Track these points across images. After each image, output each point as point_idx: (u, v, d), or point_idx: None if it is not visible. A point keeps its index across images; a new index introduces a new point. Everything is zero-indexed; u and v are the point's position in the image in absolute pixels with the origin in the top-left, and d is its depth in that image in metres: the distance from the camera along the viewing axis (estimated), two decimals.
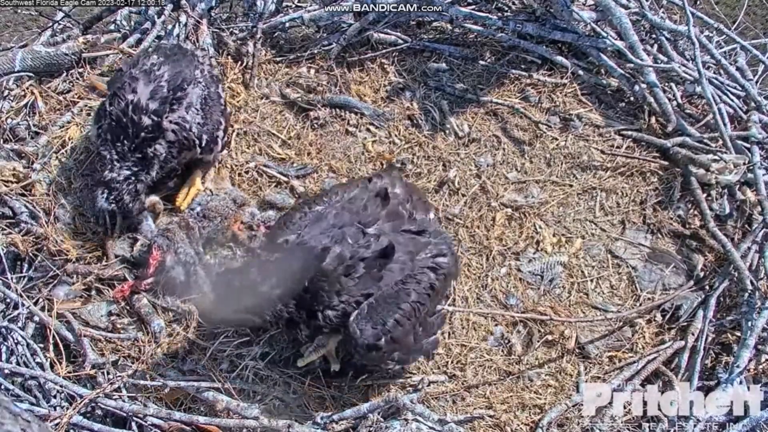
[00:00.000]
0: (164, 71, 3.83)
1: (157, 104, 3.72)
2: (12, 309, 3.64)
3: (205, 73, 4.01)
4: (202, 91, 3.91)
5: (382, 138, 4.37)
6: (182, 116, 3.79)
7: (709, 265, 3.97)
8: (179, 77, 3.83)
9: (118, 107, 3.70)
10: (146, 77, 3.78)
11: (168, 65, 3.87)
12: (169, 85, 3.79)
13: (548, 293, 3.87)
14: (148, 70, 3.82)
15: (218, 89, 4.05)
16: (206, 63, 4.11)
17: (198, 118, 3.84)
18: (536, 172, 4.26)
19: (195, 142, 3.83)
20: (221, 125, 3.98)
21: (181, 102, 3.80)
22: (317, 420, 3.30)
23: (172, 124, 3.75)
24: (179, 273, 3.66)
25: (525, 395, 3.54)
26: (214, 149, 3.97)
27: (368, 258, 3.14)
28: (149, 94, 3.73)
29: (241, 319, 3.60)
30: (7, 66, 4.41)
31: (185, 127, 3.78)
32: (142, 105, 3.69)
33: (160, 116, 3.71)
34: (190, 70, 3.92)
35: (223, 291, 3.20)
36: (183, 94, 3.81)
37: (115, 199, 3.70)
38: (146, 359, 3.46)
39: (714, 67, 4.69)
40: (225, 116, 4.05)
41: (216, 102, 3.97)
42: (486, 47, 4.73)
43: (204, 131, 3.85)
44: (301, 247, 3.18)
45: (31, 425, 2.43)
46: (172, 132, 3.75)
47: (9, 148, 4.15)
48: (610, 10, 4.44)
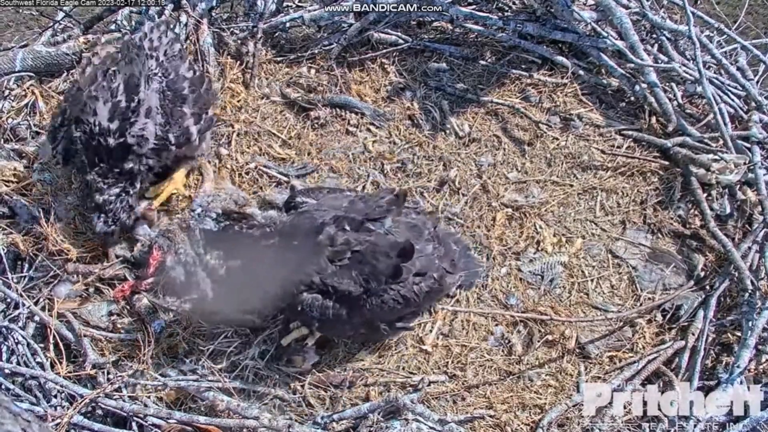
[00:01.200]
0: (119, 80, 3.73)
1: (117, 123, 3.65)
2: (12, 309, 3.66)
3: (161, 60, 3.86)
4: (159, 84, 3.79)
5: (382, 138, 4.37)
6: (142, 126, 3.68)
7: (710, 265, 3.97)
8: (133, 82, 3.72)
9: (83, 133, 3.65)
10: (104, 94, 3.69)
11: (120, 71, 3.76)
12: (126, 96, 3.69)
13: (548, 293, 3.86)
14: (105, 86, 3.72)
15: (179, 71, 3.88)
16: (162, 44, 3.93)
17: (159, 119, 3.72)
18: (537, 172, 4.26)
19: (165, 144, 3.75)
20: (186, 115, 3.80)
21: (138, 111, 3.69)
22: (317, 420, 3.31)
23: (135, 138, 3.67)
24: (179, 273, 3.66)
25: (525, 395, 3.54)
26: (190, 141, 3.84)
27: (359, 251, 3.26)
28: (108, 114, 3.65)
29: (241, 319, 3.63)
30: (7, 66, 4.42)
31: (148, 137, 3.69)
32: (104, 127, 3.63)
33: (124, 134, 3.64)
34: (143, 65, 3.79)
35: (228, 283, 3.28)
36: (139, 99, 3.69)
37: (113, 220, 3.70)
38: (146, 359, 3.46)
39: (715, 67, 4.68)
40: (192, 101, 3.85)
41: (178, 90, 3.82)
42: (486, 47, 4.73)
43: (169, 130, 3.75)
44: (308, 215, 3.35)
45: (31, 425, 2.43)
46: (137, 145, 3.68)
47: (9, 147, 4.16)
48: (611, 10, 4.43)
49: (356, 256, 3.26)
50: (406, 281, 3.33)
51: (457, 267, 3.69)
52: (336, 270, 3.25)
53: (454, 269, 3.65)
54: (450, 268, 3.60)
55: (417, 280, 3.37)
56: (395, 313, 3.45)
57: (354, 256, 3.26)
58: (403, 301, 3.36)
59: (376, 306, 3.32)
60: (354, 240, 3.28)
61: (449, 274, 3.59)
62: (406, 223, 3.44)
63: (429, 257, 3.43)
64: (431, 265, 3.43)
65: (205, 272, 3.68)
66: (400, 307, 3.39)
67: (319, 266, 3.25)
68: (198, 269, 3.69)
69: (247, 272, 3.32)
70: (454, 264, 3.66)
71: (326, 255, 3.25)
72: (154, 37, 3.98)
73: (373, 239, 3.30)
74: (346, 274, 3.26)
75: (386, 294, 3.32)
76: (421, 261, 3.38)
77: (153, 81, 3.78)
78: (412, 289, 3.36)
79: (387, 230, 3.36)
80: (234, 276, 3.34)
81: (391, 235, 3.34)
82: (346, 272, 3.26)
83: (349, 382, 3.47)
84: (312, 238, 3.27)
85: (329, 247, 3.26)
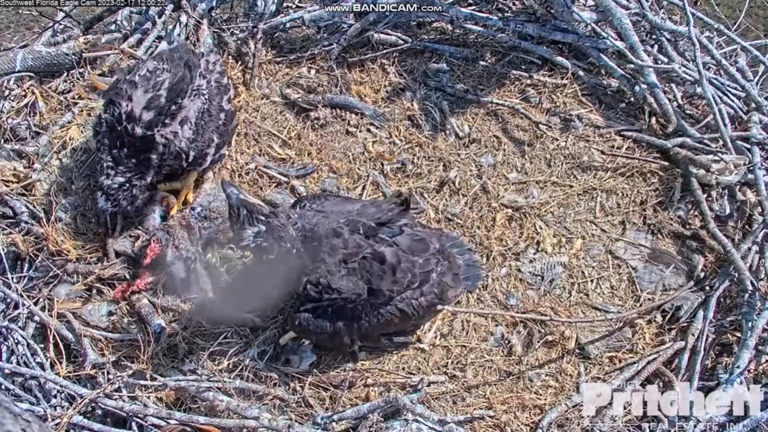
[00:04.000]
0: (165, 78, 3.75)
1: (152, 115, 3.66)
2: (12, 309, 3.66)
3: (212, 84, 3.92)
4: (202, 104, 3.83)
5: (382, 138, 4.37)
6: (175, 131, 3.70)
7: (710, 266, 3.97)
8: (179, 87, 3.75)
9: (111, 115, 3.65)
10: (145, 83, 3.71)
11: (171, 72, 3.79)
12: (168, 95, 3.71)
13: (548, 294, 3.87)
14: (148, 76, 3.75)
15: (221, 102, 3.95)
16: (215, 70, 4.02)
17: (189, 133, 3.75)
18: (536, 172, 4.26)
19: (183, 157, 3.76)
20: (213, 142, 3.87)
21: (176, 115, 3.72)
22: (317, 420, 3.31)
23: (164, 138, 3.68)
24: (179, 269, 3.68)
25: (525, 396, 3.54)
26: (202, 164, 3.90)
27: (366, 258, 3.28)
28: (145, 103, 3.66)
29: (241, 319, 3.63)
30: (8, 66, 4.41)
31: (176, 143, 3.70)
32: (135, 115, 3.63)
33: (152, 128, 3.65)
34: (195, 79, 3.84)
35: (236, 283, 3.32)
36: (180, 106, 3.73)
37: (113, 203, 3.69)
38: (146, 359, 3.46)
39: (714, 68, 4.69)
40: (220, 132, 3.91)
41: (214, 117, 3.87)
42: (486, 48, 4.73)
43: (192, 147, 3.77)
44: (322, 215, 3.37)
45: (31, 425, 2.43)
46: (162, 145, 3.68)
47: (9, 148, 4.16)
48: (611, 11, 4.44)
49: (363, 263, 3.29)
50: (404, 295, 3.37)
51: (460, 281, 3.71)
52: (344, 274, 3.26)
53: (456, 284, 3.67)
54: (452, 282, 3.62)
55: (416, 294, 3.39)
56: (394, 327, 3.49)
57: (362, 261, 3.29)
58: (400, 315, 3.39)
59: (373, 318, 3.35)
60: (365, 244, 3.30)
61: (451, 289, 3.61)
62: (412, 235, 3.45)
63: (431, 272, 3.45)
64: (433, 280, 3.45)
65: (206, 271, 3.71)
66: (398, 321, 3.42)
67: (329, 268, 3.25)
68: (198, 266, 3.70)
69: (261, 268, 3.33)
70: (457, 278, 3.68)
71: (339, 257, 3.26)
72: (211, 60, 4.06)
73: (376, 247, 3.32)
74: (352, 279, 3.27)
75: (383, 308, 3.35)
76: (422, 276, 3.40)
77: (198, 97, 3.83)
78: (411, 304, 3.39)
79: (393, 241, 3.37)
80: (247, 271, 3.33)
81: (395, 246, 3.36)
82: (353, 276, 3.28)
83: (349, 382, 3.47)
84: (329, 239, 3.27)
85: (343, 249, 3.27)
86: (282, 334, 3.59)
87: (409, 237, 3.43)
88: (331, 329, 3.34)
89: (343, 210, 3.42)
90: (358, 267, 3.28)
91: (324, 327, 3.34)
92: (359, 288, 3.29)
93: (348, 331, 3.37)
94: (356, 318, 3.35)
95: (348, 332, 3.37)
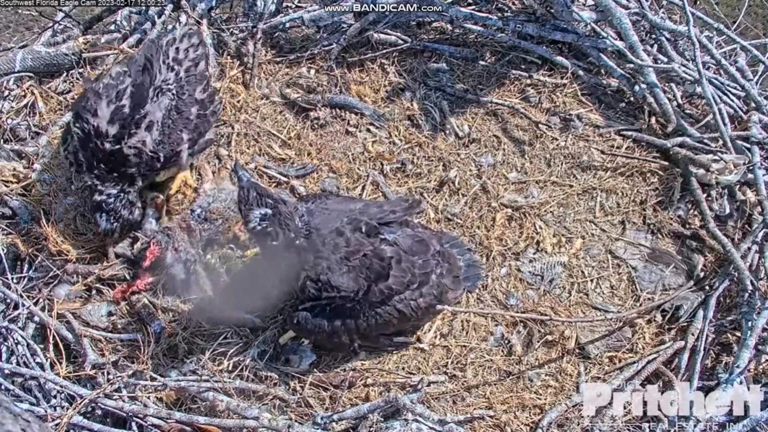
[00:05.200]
0: (127, 84, 3.67)
1: (116, 128, 3.60)
2: (12, 309, 3.66)
3: (180, 75, 3.81)
4: (169, 101, 3.73)
5: (382, 138, 4.37)
6: (142, 139, 3.63)
7: (709, 266, 3.97)
8: (142, 90, 3.66)
9: (81, 131, 3.61)
10: (109, 93, 3.64)
11: (131, 76, 3.71)
12: (131, 101, 3.64)
13: (548, 293, 3.87)
14: (111, 84, 3.68)
15: (194, 92, 3.83)
16: (188, 57, 3.88)
17: (156, 135, 3.67)
18: (536, 172, 4.26)
19: (154, 160, 3.69)
20: (182, 141, 3.75)
21: (140, 123, 3.64)
22: (317, 420, 3.31)
23: (132, 149, 3.62)
24: (179, 271, 3.67)
25: (525, 395, 3.54)
26: (177, 162, 3.81)
27: (366, 256, 3.28)
28: (109, 116, 3.60)
29: (241, 319, 3.63)
30: (7, 66, 4.42)
31: (145, 151, 3.64)
32: (102, 131, 3.58)
33: (119, 141, 3.59)
34: (156, 78, 3.73)
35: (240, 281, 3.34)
36: (145, 112, 3.64)
37: (115, 218, 3.68)
38: (146, 359, 3.46)
39: (714, 68, 4.69)
40: (192, 127, 3.79)
41: (184, 112, 3.76)
42: (486, 47, 4.73)
43: (160, 149, 3.69)
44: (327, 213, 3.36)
45: (31, 425, 2.43)
46: (134, 155, 3.63)
47: (9, 148, 4.16)
48: (610, 11, 4.44)
49: (363, 261, 3.29)
50: (403, 296, 3.37)
51: (460, 283, 3.71)
52: (344, 272, 3.27)
53: (456, 286, 3.67)
54: (452, 284, 3.62)
55: (415, 295, 3.39)
56: (393, 327, 3.49)
57: (362, 259, 3.29)
58: (398, 315, 3.39)
59: (371, 318, 3.35)
60: (366, 242, 3.30)
61: (451, 291, 3.61)
62: (413, 236, 3.45)
63: (430, 274, 3.45)
64: (432, 281, 3.45)
65: (205, 272, 3.70)
66: (396, 321, 3.42)
67: (329, 264, 3.26)
68: (198, 267, 3.70)
69: (261, 264, 3.37)
70: (457, 279, 3.68)
71: (341, 254, 3.27)
72: (182, 47, 3.91)
73: (377, 246, 3.32)
74: (352, 277, 3.27)
75: (382, 307, 3.35)
76: (421, 277, 3.40)
77: (164, 96, 3.73)
78: (409, 305, 3.39)
79: (394, 241, 3.37)
80: (250, 268, 3.36)
81: (396, 246, 3.35)
82: (353, 274, 3.28)
83: (348, 382, 3.47)
84: (331, 236, 3.28)
85: (345, 247, 3.27)
86: (281, 333, 3.59)
87: (410, 237, 3.43)
88: (329, 328, 3.34)
89: (345, 209, 3.42)
90: (358, 265, 3.28)
91: (322, 326, 3.34)
92: (359, 286, 3.28)
93: (346, 331, 3.37)
94: (354, 317, 3.35)
95: (346, 331, 3.37)
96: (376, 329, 3.44)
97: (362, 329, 3.39)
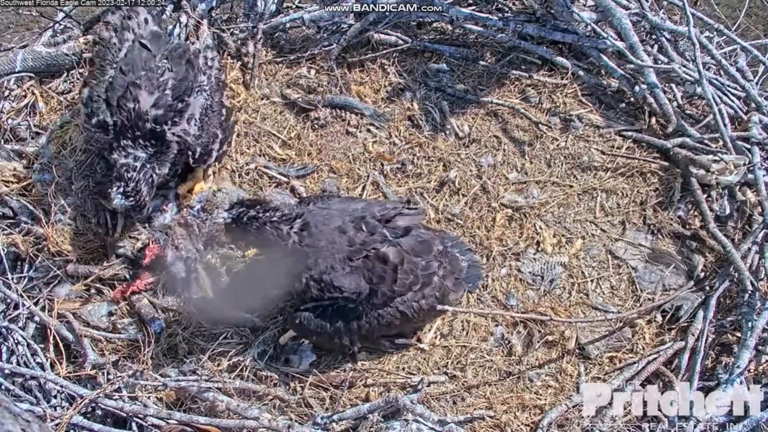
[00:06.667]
0: (168, 78, 3.75)
1: (160, 111, 3.65)
2: (12, 309, 3.66)
3: (212, 80, 3.95)
4: (205, 100, 3.85)
5: (382, 138, 4.38)
6: (184, 129, 3.72)
7: (710, 266, 3.97)
8: (183, 85, 3.76)
9: (120, 116, 3.62)
10: (149, 84, 3.69)
11: (173, 72, 3.79)
12: (173, 93, 3.72)
13: (548, 294, 3.87)
14: (150, 76, 3.73)
15: (221, 97, 3.99)
16: (214, 66, 4.04)
17: (195, 130, 3.76)
18: (536, 172, 4.26)
19: (190, 154, 3.76)
20: (217, 138, 3.89)
21: (183, 113, 3.73)
22: (317, 420, 3.31)
23: (175, 136, 3.68)
24: (180, 269, 3.68)
25: (525, 396, 3.54)
26: (207, 161, 3.91)
27: (368, 256, 3.27)
28: (153, 102, 3.65)
29: (241, 319, 3.64)
30: (8, 66, 4.42)
31: (186, 140, 3.71)
32: (143, 113, 3.61)
33: (161, 124, 3.64)
34: (195, 76, 3.85)
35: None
36: (186, 104, 3.74)
37: (134, 190, 3.52)
38: (146, 359, 3.47)
39: (714, 68, 4.69)
40: (223, 127, 3.95)
41: (216, 113, 3.90)
42: (486, 48, 4.73)
43: (198, 144, 3.78)
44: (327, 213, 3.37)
45: (31, 425, 2.44)
46: (175, 143, 3.69)
47: (9, 148, 4.17)
48: (611, 11, 4.44)
49: (366, 262, 3.29)
50: (405, 297, 3.36)
51: (461, 285, 3.71)
52: (347, 272, 3.26)
53: (458, 287, 3.67)
54: (454, 286, 3.61)
55: (418, 297, 3.39)
56: (395, 329, 3.49)
57: (365, 260, 3.28)
58: (400, 316, 3.38)
59: (374, 319, 3.35)
60: (369, 241, 3.29)
61: (452, 292, 3.61)
62: (416, 236, 3.45)
63: (433, 275, 3.45)
64: (434, 283, 3.44)
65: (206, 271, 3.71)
66: (398, 323, 3.42)
67: (332, 264, 3.26)
68: (198, 266, 3.70)
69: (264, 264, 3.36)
70: (458, 281, 3.67)
71: (344, 254, 3.27)
72: (209, 56, 4.07)
73: (379, 246, 3.31)
74: (355, 277, 3.27)
75: (384, 309, 3.35)
76: (424, 278, 3.40)
77: (200, 95, 3.84)
78: (411, 306, 3.38)
79: (397, 241, 3.37)
80: (251, 267, 3.36)
81: (399, 246, 3.35)
82: (355, 274, 3.28)
83: (348, 382, 3.47)
84: (334, 236, 3.28)
85: (348, 246, 3.27)
86: (282, 333, 3.59)
87: (413, 238, 3.43)
88: (331, 329, 3.34)
89: (347, 208, 3.42)
90: (361, 265, 3.28)
91: (324, 327, 3.34)
92: (361, 287, 3.28)
93: (348, 332, 3.37)
94: (357, 319, 3.34)
95: (348, 333, 3.37)
96: (378, 331, 3.43)
97: (364, 331, 3.38)
